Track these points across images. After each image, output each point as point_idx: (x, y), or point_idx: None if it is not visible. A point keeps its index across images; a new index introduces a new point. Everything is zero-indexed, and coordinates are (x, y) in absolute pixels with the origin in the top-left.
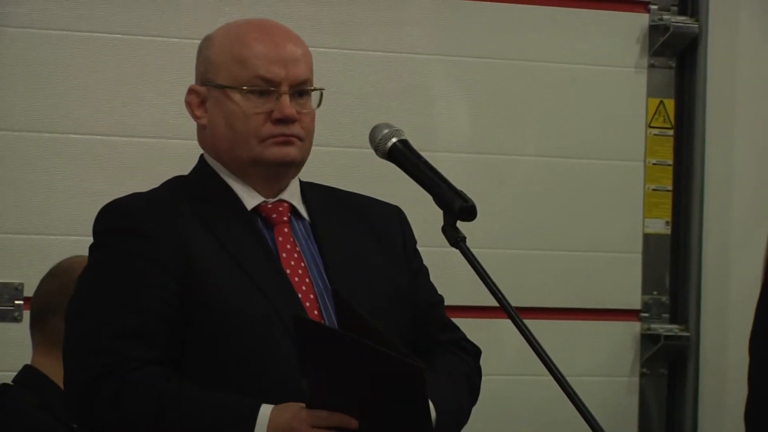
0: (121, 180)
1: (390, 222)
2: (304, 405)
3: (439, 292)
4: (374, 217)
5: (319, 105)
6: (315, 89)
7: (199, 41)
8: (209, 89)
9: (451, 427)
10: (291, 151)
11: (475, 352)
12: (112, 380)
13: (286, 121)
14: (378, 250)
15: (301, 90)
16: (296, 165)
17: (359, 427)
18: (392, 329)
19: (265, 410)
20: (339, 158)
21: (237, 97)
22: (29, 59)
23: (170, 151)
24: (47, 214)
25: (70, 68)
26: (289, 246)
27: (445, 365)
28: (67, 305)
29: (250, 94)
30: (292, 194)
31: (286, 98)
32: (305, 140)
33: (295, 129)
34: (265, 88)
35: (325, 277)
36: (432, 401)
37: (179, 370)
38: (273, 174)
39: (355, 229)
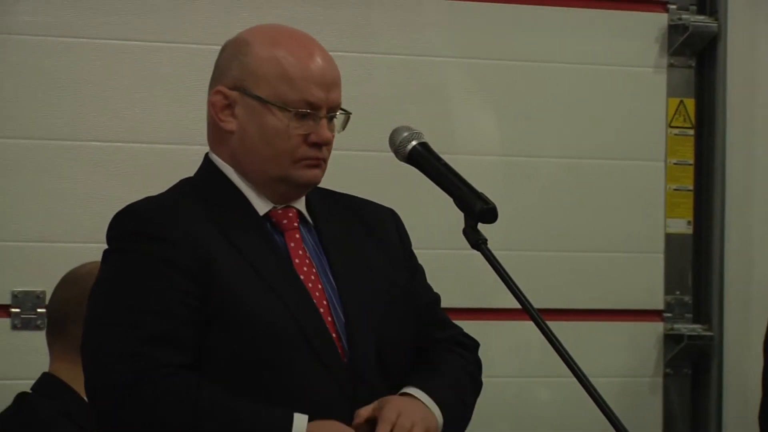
0: (141, 186)
1: (387, 223)
2: (338, 422)
3: (460, 295)
4: (372, 219)
5: (343, 128)
6: (344, 112)
7: (215, 47)
8: (242, 96)
9: (459, 426)
10: (318, 174)
11: (474, 346)
12: (146, 386)
13: (320, 145)
14: (378, 250)
15: (334, 113)
16: (317, 185)
17: None
18: (398, 328)
19: (300, 420)
20: (358, 162)
21: (281, 115)
22: (47, 68)
23: (189, 157)
24: (68, 222)
25: (88, 76)
26: (300, 252)
27: (448, 367)
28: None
29: (294, 116)
30: (299, 201)
31: (324, 122)
32: (327, 159)
33: (325, 153)
34: (309, 112)
35: (334, 283)
36: (438, 405)
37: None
38: (296, 192)
39: (357, 231)
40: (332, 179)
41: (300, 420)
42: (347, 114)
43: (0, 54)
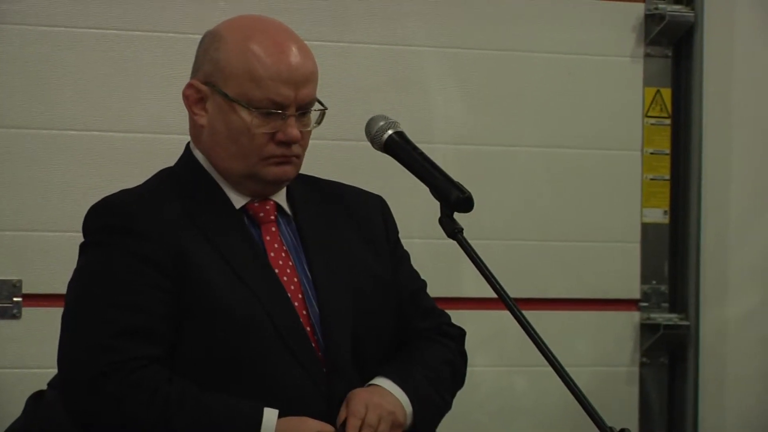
0: (119, 176)
1: (372, 212)
2: (309, 418)
3: (436, 284)
4: (357, 207)
5: (319, 123)
6: (319, 109)
7: (193, 36)
8: (212, 91)
9: (433, 419)
10: (288, 170)
11: (459, 335)
12: (117, 379)
13: (289, 143)
14: (361, 241)
15: (304, 111)
16: (290, 180)
17: None
18: (376, 321)
19: (270, 415)
20: (335, 151)
21: (244, 114)
22: (25, 56)
23: (167, 146)
24: (45, 211)
25: (66, 65)
26: (276, 245)
27: (425, 356)
28: None
29: (259, 115)
30: (279, 193)
31: (292, 120)
32: (302, 156)
33: (296, 149)
34: (273, 111)
35: (310, 276)
36: (408, 396)
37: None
38: (266, 189)
39: (339, 221)
40: (309, 168)
41: (270, 415)
42: (323, 109)
43: None
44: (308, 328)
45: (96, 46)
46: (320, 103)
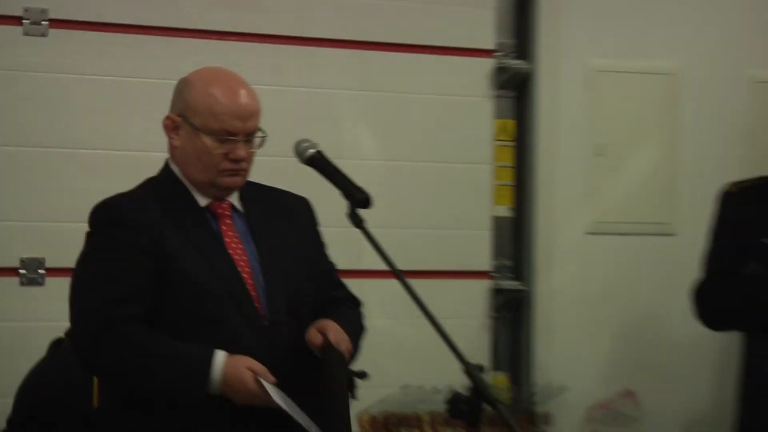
0: (116, 183)
1: (301, 208)
2: (250, 358)
3: (347, 260)
4: (290, 205)
5: (261, 146)
6: (261, 136)
7: (172, 81)
8: (184, 122)
9: (353, 357)
10: (238, 180)
11: (358, 303)
12: (109, 333)
13: (238, 161)
14: (294, 229)
15: (249, 137)
16: (240, 188)
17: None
18: (306, 290)
19: (219, 354)
20: (274, 164)
21: (206, 139)
22: (48, 95)
23: (152, 161)
24: (61, 208)
25: (80, 101)
26: (230, 233)
27: (347, 314)
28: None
29: (216, 140)
30: (233, 195)
31: (241, 144)
32: (248, 169)
33: (243, 165)
34: (227, 138)
35: (258, 256)
36: (349, 334)
37: (154, 326)
38: (222, 193)
39: (278, 216)
40: (259, 176)
41: (220, 354)
42: (263, 136)
43: None
44: (253, 293)
45: (105, 88)
46: (262, 131)
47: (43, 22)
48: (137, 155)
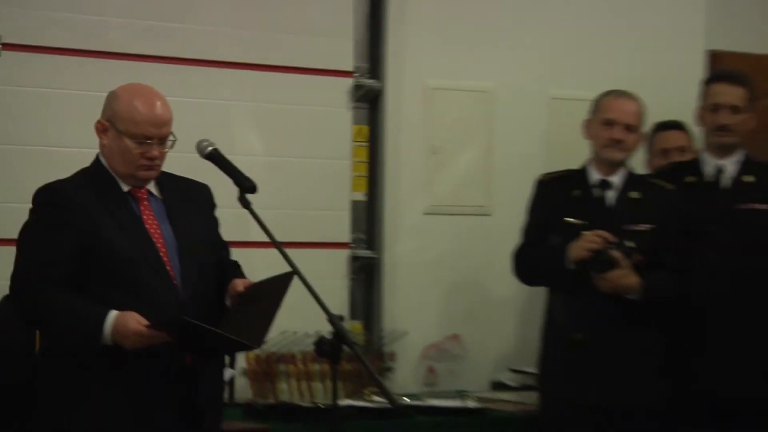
0: (59, 173)
1: (204, 193)
2: (137, 314)
3: (239, 234)
4: (195, 192)
5: (172, 147)
6: (171, 139)
7: (102, 93)
8: (111, 126)
9: None
10: (152, 174)
11: (239, 265)
12: (33, 290)
13: (152, 159)
14: (198, 209)
15: (163, 140)
16: (154, 179)
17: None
18: (208, 258)
19: (112, 313)
20: (183, 159)
21: (128, 141)
22: (37, 111)
23: (89, 155)
24: (13, 192)
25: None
26: (148, 213)
27: (237, 269)
28: None
29: (136, 142)
30: (150, 184)
31: (155, 146)
32: (161, 165)
33: (156, 162)
34: (144, 141)
35: (171, 232)
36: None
37: (82, 290)
38: (139, 183)
39: (187, 200)
40: (171, 168)
41: (112, 312)
42: (174, 140)
43: None
44: (166, 260)
45: (51, 98)
46: (173, 135)
47: None
48: (74, 151)
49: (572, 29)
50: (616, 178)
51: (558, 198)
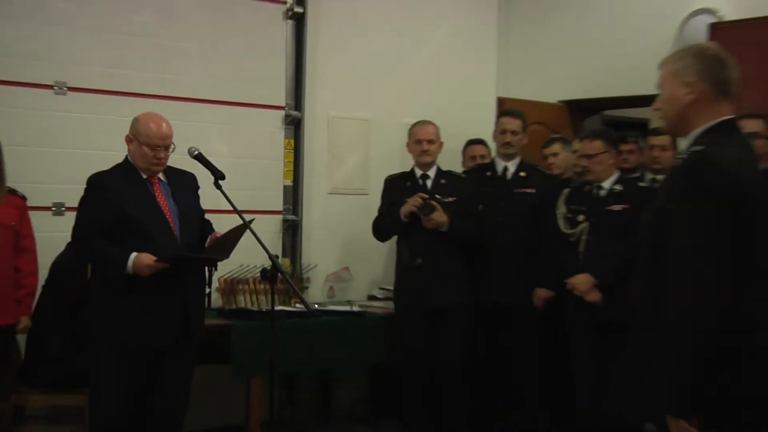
0: (104, 166)
1: (192, 181)
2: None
3: (212, 205)
4: (188, 179)
5: (173, 151)
6: (173, 147)
7: (128, 118)
8: (134, 138)
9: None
10: (160, 168)
11: (211, 223)
12: (81, 240)
13: (159, 158)
14: (190, 191)
15: (167, 147)
16: (162, 171)
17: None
18: (199, 225)
19: (133, 254)
20: (179, 159)
21: (145, 148)
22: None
23: (121, 156)
24: (74, 178)
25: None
26: (158, 192)
27: (210, 225)
28: None
29: (150, 149)
30: (160, 174)
31: (162, 151)
32: (166, 162)
33: (163, 161)
34: (155, 148)
35: (176, 209)
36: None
37: (114, 240)
38: (152, 174)
39: (182, 184)
40: (174, 163)
41: (133, 254)
42: (174, 147)
43: None
44: (171, 223)
45: (104, 123)
46: (173, 144)
47: (64, 87)
48: (112, 153)
49: (411, 80)
50: (431, 173)
51: (398, 188)
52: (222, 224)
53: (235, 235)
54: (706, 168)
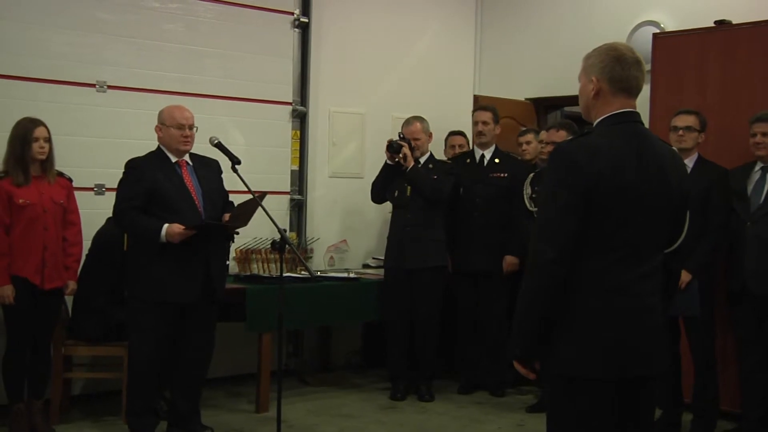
0: (142, 152)
1: (216, 165)
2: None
3: (231, 187)
4: (211, 164)
5: (196, 131)
6: (195, 127)
7: (155, 111)
8: (162, 125)
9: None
10: (188, 147)
11: (233, 202)
12: (125, 214)
13: (187, 137)
14: (213, 174)
15: (191, 127)
16: (189, 150)
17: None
18: (218, 201)
19: (165, 224)
20: (203, 148)
21: (172, 129)
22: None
23: (154, 144)
24: (113, 163)
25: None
26: (186, 173)
27: (231, 204)
28: None
29: (176, 128)
30: (187, 157)
31: (187, 129)
32: (192, 141)
33: (189, 138)
34: (180, 126)
35: (200, 189)
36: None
37: (148, 214)
38: (181, 155)
39: (207, 168)
40: (199, 151)
41: (165, 224)
42: (196, 127)
43: None
44: (196, 201)
45: (138, 117)
46: (196, 127)
47: (105, 86)
48: (145, 142)
49: (400, 79)
50: (423, 159)
51: (384, 176)
52: (239, 203)
53: (250, 206)
54: (560, 159)
